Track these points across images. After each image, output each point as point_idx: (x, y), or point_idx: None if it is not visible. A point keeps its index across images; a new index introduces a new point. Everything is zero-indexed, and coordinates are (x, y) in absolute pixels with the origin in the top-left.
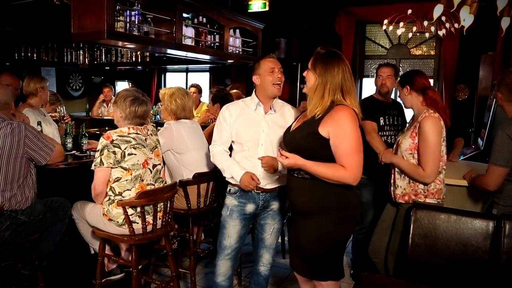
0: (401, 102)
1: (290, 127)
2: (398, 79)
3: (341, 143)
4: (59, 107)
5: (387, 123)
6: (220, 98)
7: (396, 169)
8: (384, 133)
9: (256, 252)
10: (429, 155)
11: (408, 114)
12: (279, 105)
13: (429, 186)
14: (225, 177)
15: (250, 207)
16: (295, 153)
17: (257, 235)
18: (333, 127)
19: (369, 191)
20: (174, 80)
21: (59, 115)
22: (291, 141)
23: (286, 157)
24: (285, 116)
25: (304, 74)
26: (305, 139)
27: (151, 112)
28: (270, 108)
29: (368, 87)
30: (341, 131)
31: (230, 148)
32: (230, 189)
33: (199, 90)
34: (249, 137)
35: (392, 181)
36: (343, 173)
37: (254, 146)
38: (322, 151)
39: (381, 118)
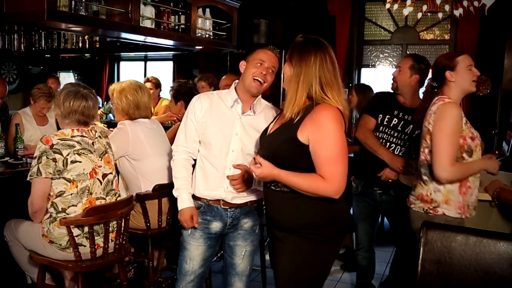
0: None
1: (267, 129)
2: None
3: (320, 149)
4: None
5: (385, 123)
6: (184, 94)
7: None
8: (377, 133)
9: (226, 280)
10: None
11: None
12: (261, 106)
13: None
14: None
15: (216, 226)
16: (271, 161)
17: (226, 260)
18: (312, 130)
19: (362, 200)
20: (130, 70)
21: None
22: (268, 147)
23: (260, 165)
24: (267, 120)
25: (283, 68)
26: (282, 146)
27: (102, 109)
28: (250, 109)
29: (368, 79)
30: (321, 135)
31: None
32: None
33: (155, 84)
34: (218, 139)
35: None
36: (322, 185)
37: (223, 152)
38: (303, 160)
39: (380, 115)
